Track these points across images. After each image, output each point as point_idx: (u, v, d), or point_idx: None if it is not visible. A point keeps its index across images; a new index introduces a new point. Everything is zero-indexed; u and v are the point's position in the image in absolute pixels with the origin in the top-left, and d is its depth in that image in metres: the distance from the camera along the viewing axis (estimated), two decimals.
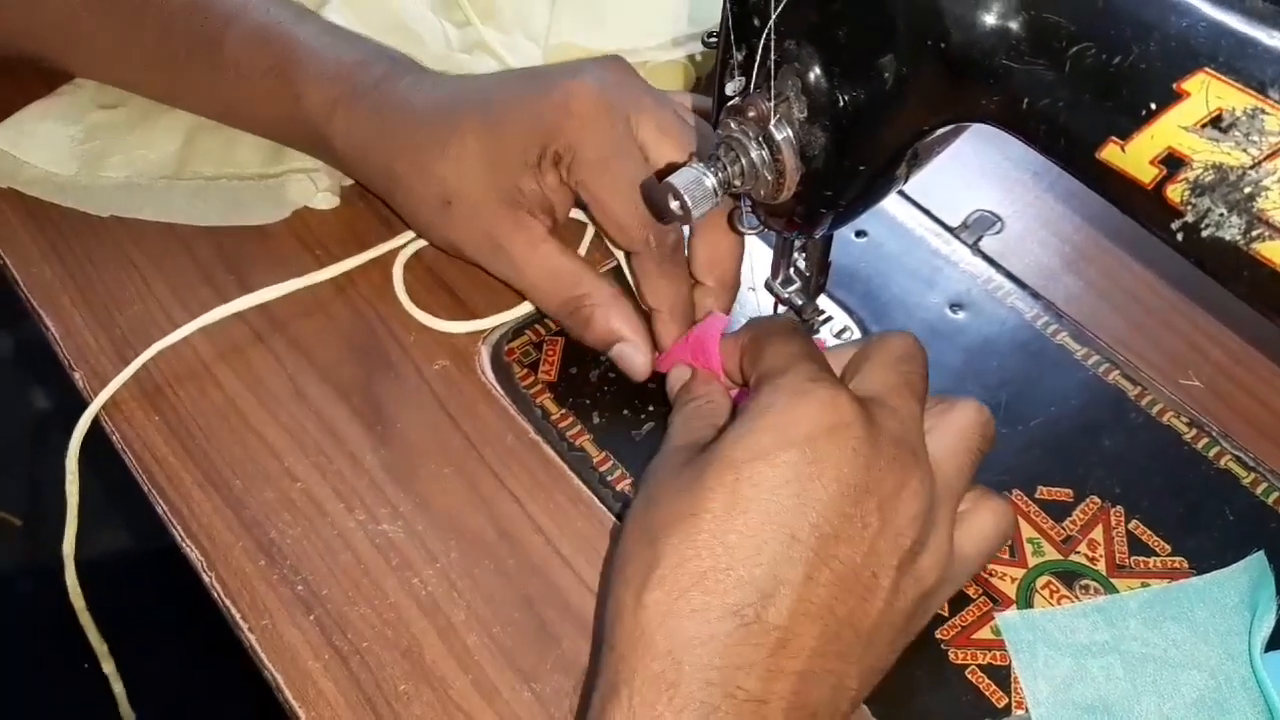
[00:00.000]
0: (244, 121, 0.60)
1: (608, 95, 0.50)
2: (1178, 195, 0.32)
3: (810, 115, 0.39)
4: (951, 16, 0.34)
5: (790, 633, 0.37)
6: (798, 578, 0.38)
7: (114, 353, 0.54)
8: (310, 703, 0.44)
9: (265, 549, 0.48)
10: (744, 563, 0.38)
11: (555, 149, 0.51)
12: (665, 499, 0.40)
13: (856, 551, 0.39)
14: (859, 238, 0.59)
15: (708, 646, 0.37)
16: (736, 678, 0.37)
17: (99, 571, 0.63)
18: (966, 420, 0.44)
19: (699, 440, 0.43)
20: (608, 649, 0.39)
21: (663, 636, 0.37)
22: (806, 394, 0.40)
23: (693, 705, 0.36)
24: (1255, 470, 0.50)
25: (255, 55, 0.56)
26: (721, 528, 0.38)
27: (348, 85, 0.55)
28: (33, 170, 0.60)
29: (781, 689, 0.37)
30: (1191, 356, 0.55)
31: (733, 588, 0.37)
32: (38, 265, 0.58)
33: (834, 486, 0.38)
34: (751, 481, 0.38)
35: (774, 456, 0.39)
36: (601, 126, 0.50)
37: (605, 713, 0.37)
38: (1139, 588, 0.47)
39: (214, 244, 0.59)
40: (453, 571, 0.47)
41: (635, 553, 0.40)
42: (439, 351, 0.55)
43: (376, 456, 0.51)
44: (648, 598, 0.38)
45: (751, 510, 0.38)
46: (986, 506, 0.44)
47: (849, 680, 0.39)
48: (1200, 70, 0.30)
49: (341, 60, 0.55)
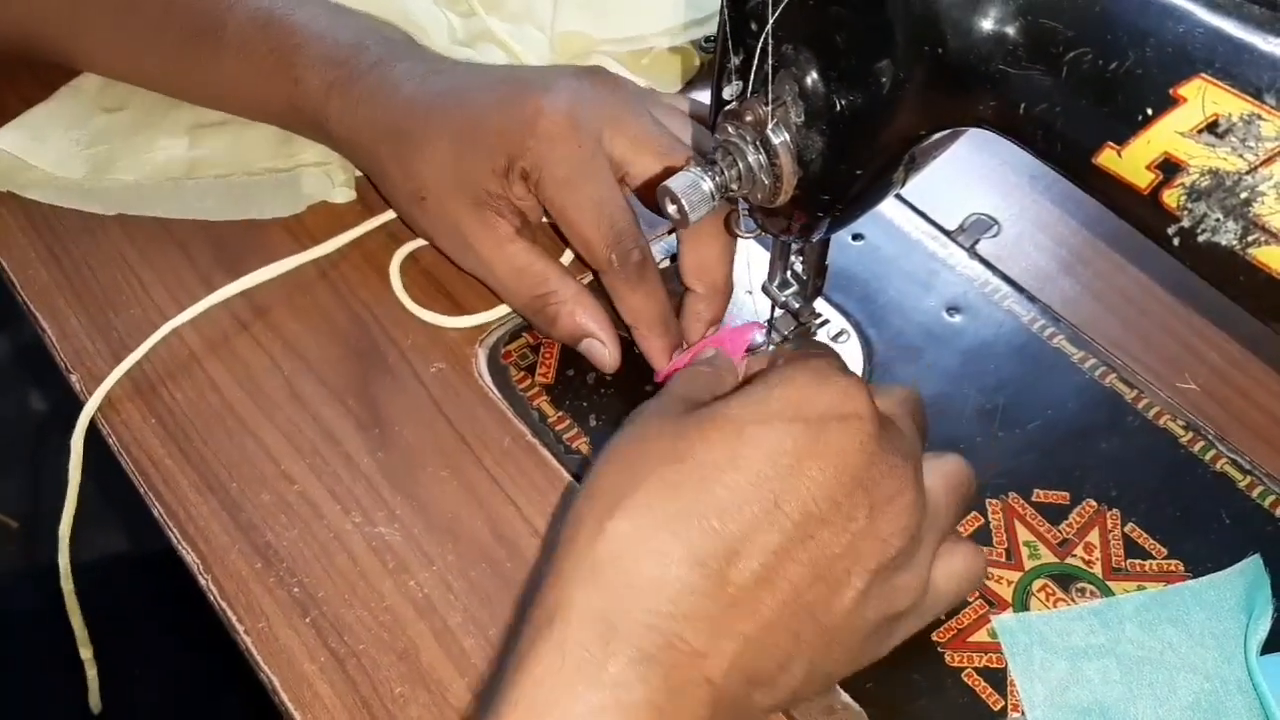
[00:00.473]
0: (244, 105, 0.60)
1: (577, 114, 0.51)
2: (1174, 200, 0.32)
3: (807, 119, 0.39)
4: (948, 22, 0.35)
5: (749, 596, 0.37)
6: (771, 545, 0.37)
7: (110, 355, 0.54)
8: (306, 705, 0.44)
9: (262, 551, 0.48)
10: (721, 515, 0.37)
11: (523, 165, 0.51)
12: (656, 438, 0.39)
13: (837, 541, 0.38)
14: (856, 241, 0.59)
15: (660, 591, 0.35)
16: (682, 628, 0.35)
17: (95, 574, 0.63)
18: (959, 469, 0.44)
19: (699, 399, 0.42)
20: (552, 573, 0.37)
21: (615, 571, 0.36)
22: (828, 379, 0.40)
23: (628, 650, 0.35)
24: (1251, 473, 0.50)
25: (256, 38, 0.57)
26: (709, 477, 0.37)
27: (344, 69, 0.55)
28: (38, 173, 0.60)
29: (726, 648, 0.36)
30: (1188, 360, 0.55)
31: (702, 536, 0.36)
32: (34, 268, 0.58)
33: (831, 471, 0.38)
34: (752, 442, 0.38)
35: (780, 425, 0.38)
36: (568, 147, 0.50)
37: (535, 646, 0.35)
38: (1135, 591, 0.47)
39: (211, 247, 0.59)
40: (449, 574, 0.47)
41: (609, 477, 0.38)
42: (436, 354, 0.55)
43: (373, 459, 0.51)
44: (611, 526, 0.36)
45: (743, 469, 0.37)
46: (964, 549, 0.44)
47: (795, 666, 0.38)
48: (1197, 76, 0.30)
49: (339, 44, 0.56)
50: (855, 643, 0.40)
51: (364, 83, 0.55)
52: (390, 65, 0.55)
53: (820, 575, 0.38)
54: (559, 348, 0.55)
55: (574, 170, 0.51)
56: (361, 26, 0.58)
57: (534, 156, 0.51)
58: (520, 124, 0.51)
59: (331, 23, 0.57)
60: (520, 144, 0.51)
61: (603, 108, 0.52)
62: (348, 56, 0.56)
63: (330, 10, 0.59)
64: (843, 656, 0.40)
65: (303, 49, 0.56)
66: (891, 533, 0.39)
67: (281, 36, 0.57)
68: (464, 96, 0.53)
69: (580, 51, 0.65)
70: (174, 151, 0.60)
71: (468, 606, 0.46)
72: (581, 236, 0.51)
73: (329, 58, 0.56)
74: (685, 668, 0.35)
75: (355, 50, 0.56)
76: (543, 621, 0.36)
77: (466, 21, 0.66)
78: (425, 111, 0.53)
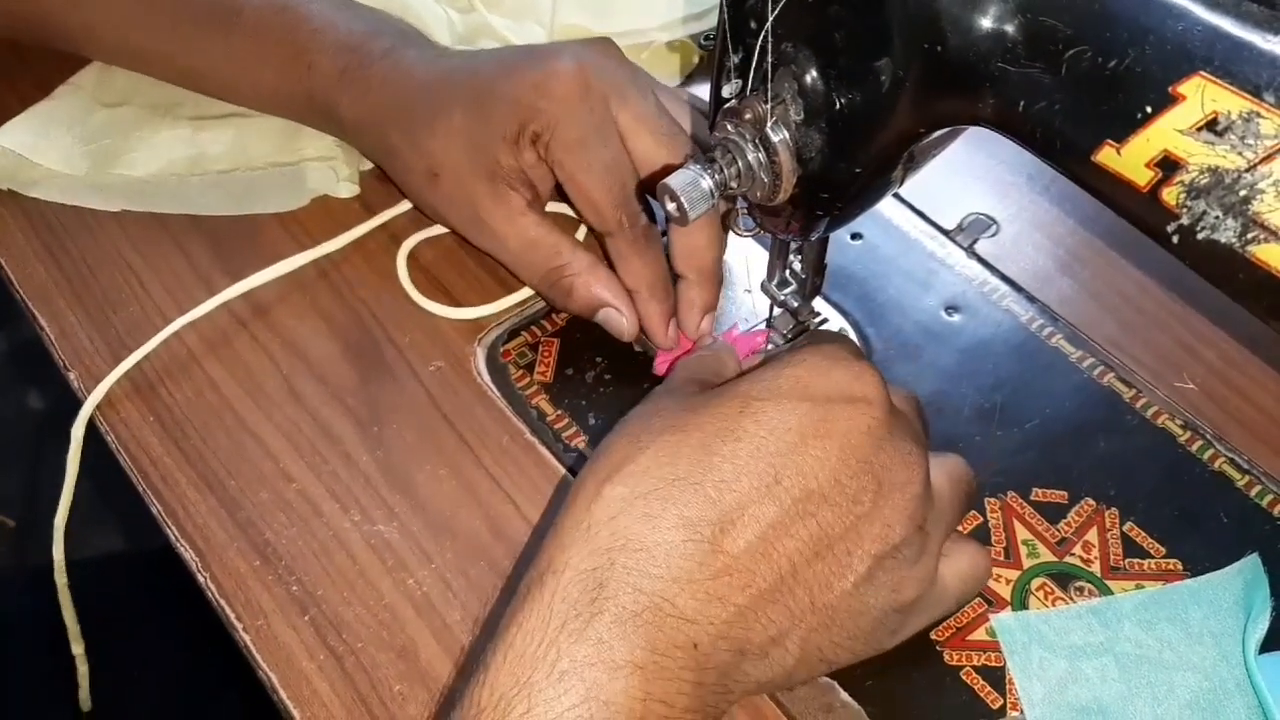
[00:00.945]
0: (255, 91, 0.60)
1: (587, 77, 0.51)
2: (1173, 198, 0.32)
3: (807, 118, 0.39)
4: (948, 20, 0.35)
5: (743, 566, 0.37)
6: (768, 518, 0.37)
7: (109, 353, 0.54)
8: (305, 703, 0.44)
9: (260, 549, 0.48)
10: (717, 484, 0.37)
11: (534, 128, 0.51)
12: (662, 413, 0.39)
13: (839, 521, 0.38)
14: (855, 240, 0.59)
15: (650, 554, 0.36)
16: (670, 591, 0.36)
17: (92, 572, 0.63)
18: (960, 468, 0.44)
19: (707, 381, 0.43)
20: (552, 532, 0.38)
21: (608, 534, 0.36)
22: (840, 361, 0.40)
23: (614, 609, 0.35)
24: (1249, 473, 0.50)
25: (271, 22, 0.57)
26: (708, 447, 0.37)
27: (357, 55, 0.56)
28: (41, 171, 0.60)
29: (716, 614, 0.36)
30: (1186, 359, 0.55)
31: (695, 502, 0.37)
32: (33, 266, 0.58)
33: (836, 452, 0.38)
34: (755, 417, 0.38)
35: (786, 403, 0.38)
36: (579, 109, 0.51)
37: (528, 598, 0.36)
38: (1133, 589, 0.47)
39: (210, 246, 0.59)
40: (448, 572, 0.47)
41: (615, 448, 0.39)
42: (434, 353, 0.55)
43: (372, 457, 0.51)
44: (608, 490, 0.37)
45: (744, 440, 0.37)
46: (971, 549, 0.45)
47: (789, 643, 0.38)
48: (1196, 74, 0.30)
49: (353, 30, 0.57)
50: (856, 628, 0.40)
51: (378, 68, 0.55)
52: (402, 51, 0.56)
53: (819, 554, 0.38)
54: (557, 346, 0.55)
55: (585, 132, 0.51)
56: (374, 17, 0.59)
57: (545, 119, 0.51)
58: (532, 88, 0.51)
59: (345, 12, 0.58)
60: (532, 107, 0.51)
61: (613, 77, 0.52)
62: (361, 43, 0.56)
63: (343, 1, 0.59)
64: (842, 640, 0.40)
65: (318, 35, 0.57)
66: (897, 518, 0.39)
67: (296, 22, 0.57)
68: (474, 70, 0.54)
69: None
70: (177, 146, 0.60)
71: (466, 604, 0.46)
72: (590, 199, 0.51)
73: (343, 44, 0.56)
74: (671, 631, 0.36)
75: (369, 37, 0.56)
76: (535, 578, 0.37)
77: (466, 17, 0.66)
78: (437, 91, 0.54)
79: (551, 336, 0.56)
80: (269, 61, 0.58)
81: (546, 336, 0.56)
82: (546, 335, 0.56)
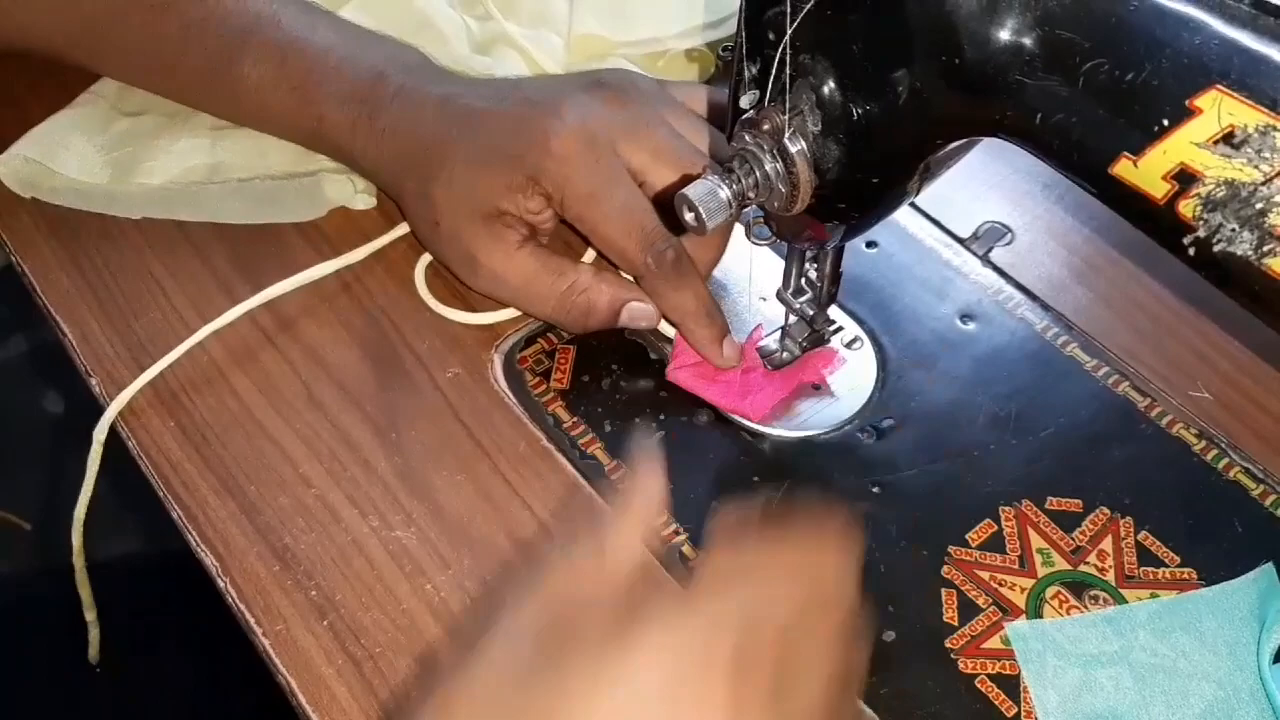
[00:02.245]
0: (269, 131, 0.61)
1: (588, 129, 0.51)
2: (1190, 211, 0.32)
3: (824, 128, 0.39)
4: (966, 32, 0.35)
5: None
6: None
7: (130, 360, 0.54)
8: (324, 708, 0.44)
9: (280, 555, 0.48)
10: None
11: (545, 188, 0.52)
12: None
13: None
14: (870, 248, 0.60)
15: None
16: None
17: (111, 575, 0.64)
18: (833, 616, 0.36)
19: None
20: None
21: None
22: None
23: None
24: (1264, 482, 0.51)
25: (274, 74, 0.57)
26: None
27: (366, 107, 0.56)
28: (61, 179, 0.60)
29: None
30: (1200, 368, 0.55)
31: None
32: (56, 273, 0.58)
33: None
34: None
35: None
36: (585, 161, 0.51)
37: None
38: (1148, 598, 0.47)
39: (231, 253, 0.59)
40: (465, 578, 0.48)
41: None
42: (452, 359, 0.55)
43: (390, 463, 0.51)
44: None
45: None
46: None
47: None
48: (1213, 87, 0.31)
49: (360, 77, 0.56)
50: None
51: (386, 116, 0.55)
52: (410, 94, 0.55)
53: None
54: (574, 353, 0.55)
55: (595, 183, 0.51)
56: (379, 50, 0.58)
57: (553, 178, 0.51)
58: (535, 150, 0.51)
59: (348, 51, 0.57)
60: (538, 168, 0.51)
61: (615, 121, 0.52)
62: (369, 91, 0.56)
63: (345, 35, 0.58)
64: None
65: (323, 85, 0.56)
66: None
67: (300, 74, 0.57)
68: (477, 125, 0.54)
69: (597, 54, 0.65)
70: (196, 154, 0.61)
71: (483, 609, 0.47)
72: (615, 246, 0.52)
73: (350, 94, 0.56)
74: None
75: (375, 82, 0.56)
76: None
77: (483, 25, 0.66)
78: (442, 143, 0.54)
79: (568, 344, 0.56)
80: (277, 110, 0.58)
81: (563, 344, 0.56)
82: (563, 343, 0.56)
